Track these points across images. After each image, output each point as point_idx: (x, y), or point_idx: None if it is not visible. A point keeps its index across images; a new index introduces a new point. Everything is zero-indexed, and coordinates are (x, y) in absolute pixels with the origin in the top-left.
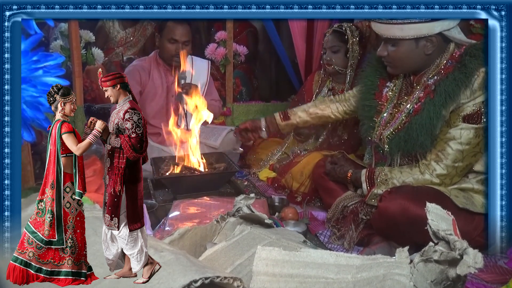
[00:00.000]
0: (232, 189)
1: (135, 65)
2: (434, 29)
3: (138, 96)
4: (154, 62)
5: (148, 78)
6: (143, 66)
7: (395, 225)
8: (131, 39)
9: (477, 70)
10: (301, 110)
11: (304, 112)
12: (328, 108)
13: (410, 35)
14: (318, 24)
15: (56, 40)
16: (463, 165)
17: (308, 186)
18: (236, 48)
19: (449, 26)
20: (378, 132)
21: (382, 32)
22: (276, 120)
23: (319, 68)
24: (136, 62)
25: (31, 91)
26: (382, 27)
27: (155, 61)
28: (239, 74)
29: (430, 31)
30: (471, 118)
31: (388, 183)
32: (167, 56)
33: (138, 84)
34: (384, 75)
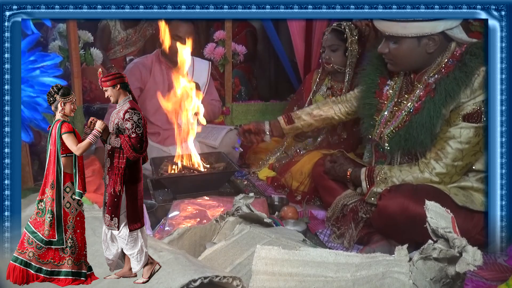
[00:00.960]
0: (231, 188)
1: (136, 62)
2: (437, 28)
3: (138, 92)
4: (156, 59)
5: (149, 75)
6: (144, 63)
7: (394, 223)
8: (132, 39)
9: (478, 69)
10: (305, 113)
11: (308, 115)
12: (331, 109)
13: (413, 33)
14: (317, 24)
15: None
16: (462, 164)
17: (308, 185)
18: (235, 47)
19: (452, 25)
20: (379, 131)
21: (385, 29)
22: (281, 124)
23: (318, 67)
24: (138, 59)
25: (29, 91)
26: (384, 24)
27: (157, 58)
28: (238, 73)
29: (433, 30)
30: (471, 117)
31: (388, 181)
32: (171, 52)
33: (138, 81)
34: (384, 73)
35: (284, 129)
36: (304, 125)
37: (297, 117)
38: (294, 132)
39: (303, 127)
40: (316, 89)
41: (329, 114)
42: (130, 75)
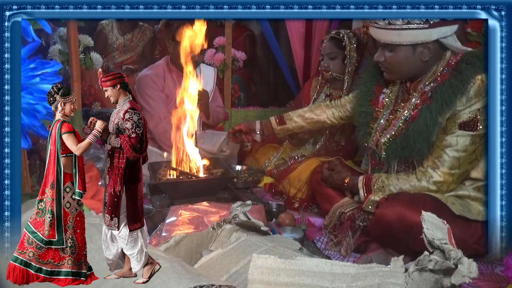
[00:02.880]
0: (229, 195)
1: (148, 74)
2: (431, 36)
3: (166, 101)
4: (166, 68)
5: (164, 84)
6: (157, 73)
7: (392, 232)
8: (130, 44)
9: (473, 78)
10: (297, 115)
11: (299, 117)
12: (324, 113)
13: (407, 41)
14: (317, 30)
15: (55, 44)
16: (459, 172)
17: (306, 192)
18: (235, 53)
19: (446, 34)
20: (375, 139)
21: (380, 37)
22: (272, 124)
23: (317, 74)
24: (148, 70)
25: (28, 98)
26: (379, 32)
27: (167, 67)
28: (238, 79)
29: (427, 38)
30: (467, 125)
31: (385, 190)
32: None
33: (161, 91)
34: (380, 81)
35: (275, 129)
36: (295, 127)
37: (288, 119)
38: (285, 133)
39: (294, 129)
40: (315, 97)
41: (321, 118)
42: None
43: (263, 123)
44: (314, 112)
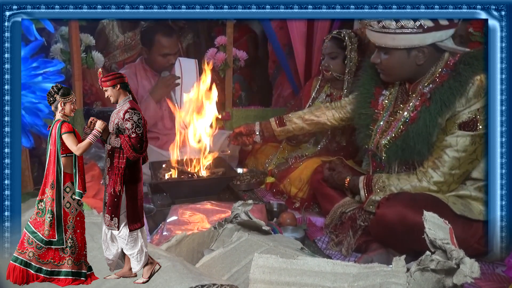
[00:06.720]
0: (230, 194)
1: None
2: (426, 41)
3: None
4: (141, 68)
5: (137, 85)
6: (129, 74)
7: (392, 231)
8: (131, 43)
9: (472, 78)
10: (297, 116)
11: (299, 119)
12: (324, 115)
13: (402, 45)
14: (318, 30)
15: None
16: (460, 172)
17: (307, 191)
18: (236, 53)
19: (441, 38)
20: (375, 141)
21: (375, 40)
22: (272, 125)
23: (317, 74)
24: (123, 70)
25: (30, 97)
26: (375, 35)
27: (141, 68)
28: (239, 79)
29: (422, 42)
30: (467, 126)
31: (386, 190)
32: (158, 67)
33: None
34: (379, 83)
35: (275, 131)
36: (295, 128)
37: (288, 120)
38: (286, 135)
39: (294, 130)
40: (315, 96)
41: (321, 120)
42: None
43: (263, 124)
44: (314, 113)
